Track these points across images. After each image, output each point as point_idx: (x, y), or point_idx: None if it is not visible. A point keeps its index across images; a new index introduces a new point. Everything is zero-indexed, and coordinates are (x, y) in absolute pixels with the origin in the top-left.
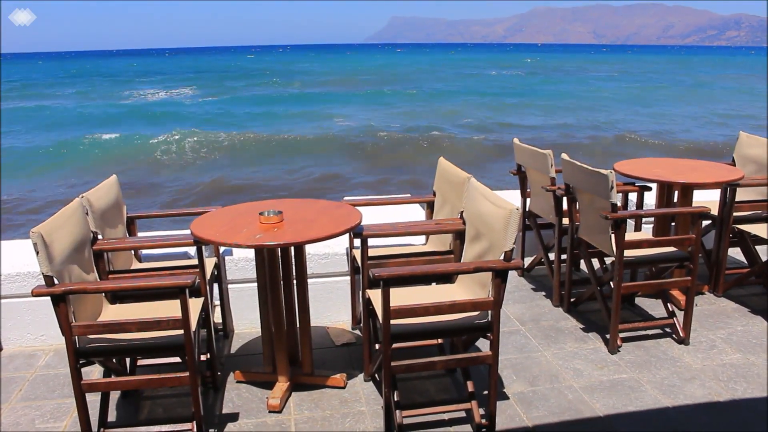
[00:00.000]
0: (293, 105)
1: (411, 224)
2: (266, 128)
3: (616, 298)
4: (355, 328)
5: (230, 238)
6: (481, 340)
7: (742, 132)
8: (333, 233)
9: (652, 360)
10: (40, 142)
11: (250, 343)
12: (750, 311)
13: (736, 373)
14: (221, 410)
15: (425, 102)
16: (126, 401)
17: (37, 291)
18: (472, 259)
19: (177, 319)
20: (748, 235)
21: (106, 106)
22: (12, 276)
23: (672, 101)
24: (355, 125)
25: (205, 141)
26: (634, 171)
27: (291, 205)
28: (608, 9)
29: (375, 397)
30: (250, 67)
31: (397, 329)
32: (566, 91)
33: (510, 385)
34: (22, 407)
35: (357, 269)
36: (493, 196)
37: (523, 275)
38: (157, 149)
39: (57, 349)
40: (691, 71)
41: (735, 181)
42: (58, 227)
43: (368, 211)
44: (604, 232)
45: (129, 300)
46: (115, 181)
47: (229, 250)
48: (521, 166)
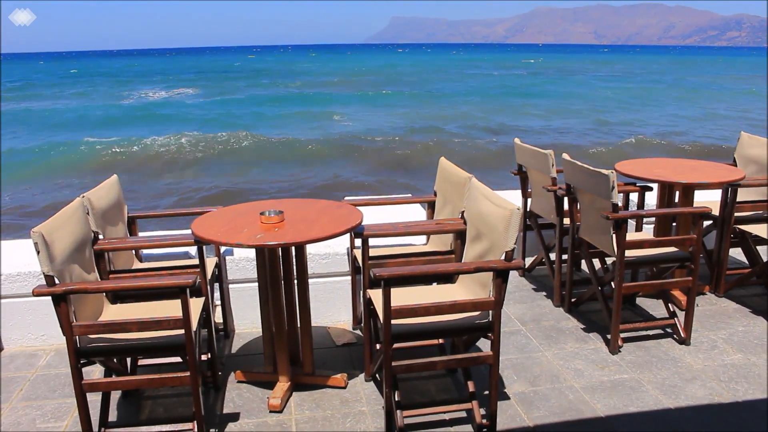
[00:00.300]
0: (294, 105)
1: (412, 224)
2: (267, 129)
3: (617, 299)
4: (355, 327)
5: (231, 237)
6: (481, 340)
7: (743, 132)
8: (334, 233)
9: (653, 360)
10: (38, 143)
11: (251, 343)
12: (751, 312)
13: (738, 374)
14: (222, 410)
15: (427, 102)
16: (127, 401)
17: (38, 291)
18: (472, 259)
19: (178, 318)
20: (750, 236)
21: (107, 107)
22: (13, 276)
23: (676, 102)
24: (356, 126)
25: (205, 142)
26: (635, 171)
27: (292, 205)
28: (609, 9)
29: (376, 397)
30: (250, 67)
31: (397, 329)
32: (569, 92)
33: (511, 386)
34: (23, 407)
35: (358, 269)
36: (494, 196)
37: (524, 275)
38: (157, 150)
39: (58, 349)
40: (694, 71)
41: (736, 181)
42: (58, 227)
43: (369, 211)
44: (605, 233)
45: (130, 300)
46: (115, 181)
47: (230, 249)
48: (522, 166)
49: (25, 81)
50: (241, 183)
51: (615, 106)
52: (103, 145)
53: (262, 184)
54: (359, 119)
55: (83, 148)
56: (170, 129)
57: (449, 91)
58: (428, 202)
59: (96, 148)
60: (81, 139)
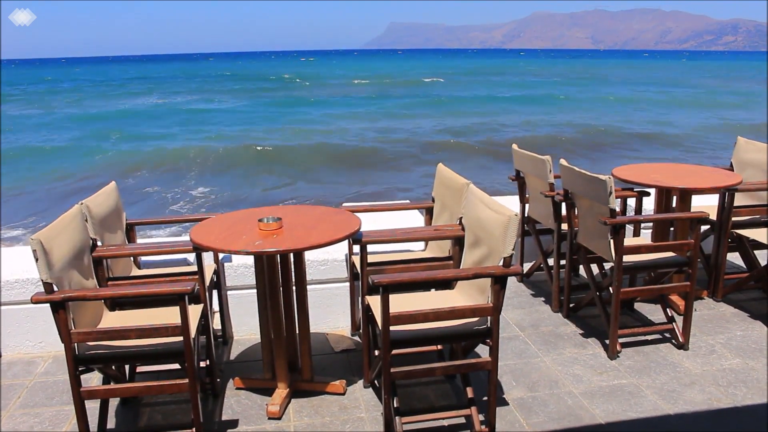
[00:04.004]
0: (294, 111)
1: (410, 230)
2: (267, 135)
3: (615, 304)
4: (354, 334)
5: (229, 244)
6: (480, 346)
7: (740, 137)
8: (332, 240)
9: (652, 365)
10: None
11: (250, 350)
12: (749, 316)
13: (736, 378)
14: (221, 417)
15: (434, 108)
16: (125, 408)
17: (37, 298)
18: (471, 265)
19: (176, 325)
20: (747, 240)
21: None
22: (11, 283)
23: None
24: (356, 132)
25: (205, 149)
26: (632, 176)
27: (290, 212)
28: (606, 14)
29: (375, 404)
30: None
31: (396, 335)
32: (573, 97)
33: (509, 391)
34: (20, 414)
35: (356, 275)
36: (492, 202)
37: (522, 281)
38: (150, 159)
39: (56, 356)
40: (693, 76)
41: (733, 185)
42: (57, 234)
43: (367, 217)
44: (603, 238)
45: (128, 306)
46: (114, 188)
47: (229, 256)
48: (520, 171)
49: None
50: (240, 190)
51: (623, 110)
52: (107, 152)
53: (262, 192)
54: (360, 126)
55: (99, 156)
56: (170, 133)
57: (458, 96)
58: (426, 208)
59: (107, 155)
60: (88, 144)
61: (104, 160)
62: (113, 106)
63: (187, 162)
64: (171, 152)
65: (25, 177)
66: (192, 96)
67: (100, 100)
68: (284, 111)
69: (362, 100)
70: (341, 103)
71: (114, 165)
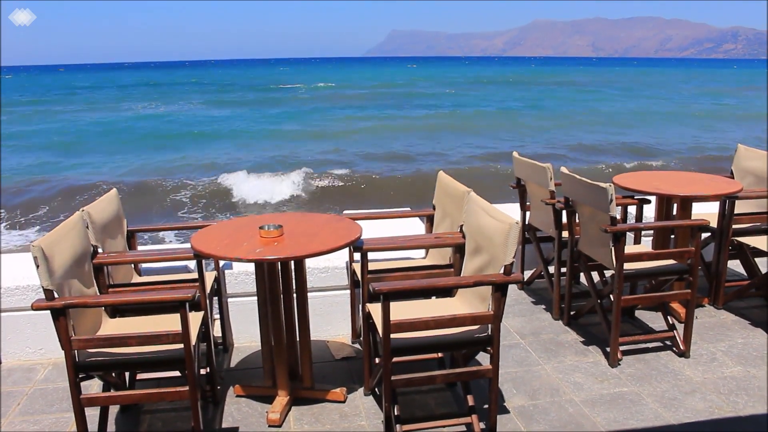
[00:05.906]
0: (295, 122)
1: (411, 238)
2: (268, 142)
3: (616, 311)
4: (355, 341)
5: (230, 252)
6: (481, 353)
7: (741, 144)
8: (333, 247)
9: (653, 373)
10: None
11: (250, 357)
12: (750, 323)
13: (737, 386)
14: (221, 424)
15: (442, 119)
16: (125, 415)
17: (37, 305)
18: (471, 273)
19: (177, 333)
20: (748, 248)
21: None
22: (12, 289)
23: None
24: (361, 144)
25: (205, 157)
26: (633, 184)
27: (291, 219)
28: (607, 22)
29: (375, 411)
30: (250, 79)
31: (397, 343)
32: (574, 106)
33: (510, 399)
34: (20, 421)
35: (357, 283)
36: (492, 210)
37: (523, 289)
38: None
39: (56, 363)
40: (695, 84)
41: (734, 193)
42: (58, 241)
43: (368, 225)
44: (604, 246)
45: (129, 314)
46: (115, 195)
47: (229, 263)
48: (520, 179)
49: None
50: (240, 196)
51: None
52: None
53: (262, 200)
54: (364, 135)
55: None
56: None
57: (464, 102)
58: (427, 216)
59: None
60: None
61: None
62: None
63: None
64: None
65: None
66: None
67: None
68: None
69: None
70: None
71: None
